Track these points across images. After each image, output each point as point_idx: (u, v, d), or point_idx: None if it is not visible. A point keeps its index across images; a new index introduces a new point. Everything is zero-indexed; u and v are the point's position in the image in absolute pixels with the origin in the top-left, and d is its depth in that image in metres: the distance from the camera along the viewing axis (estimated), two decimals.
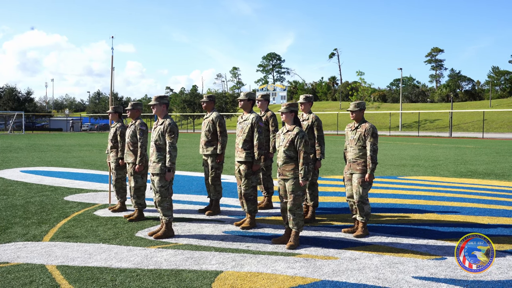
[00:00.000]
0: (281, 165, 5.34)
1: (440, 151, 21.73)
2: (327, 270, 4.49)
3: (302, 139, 5.21)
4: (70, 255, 4.93)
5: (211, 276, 4.32)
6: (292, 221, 5.29)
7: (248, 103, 6.39)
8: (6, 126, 60.69)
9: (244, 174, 6.19)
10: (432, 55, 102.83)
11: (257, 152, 6.14)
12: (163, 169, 5.66)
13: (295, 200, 5.26)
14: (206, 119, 7.17)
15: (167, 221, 5.70)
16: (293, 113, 5.41)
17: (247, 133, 6.23)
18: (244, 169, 6.20)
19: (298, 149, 5.22)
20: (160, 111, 5.83)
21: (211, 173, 7.06)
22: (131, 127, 6.74)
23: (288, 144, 5.27)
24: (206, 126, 7.10)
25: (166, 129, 5.69)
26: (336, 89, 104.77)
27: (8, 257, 4.85)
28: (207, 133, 7.06)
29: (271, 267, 4.57)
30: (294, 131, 5.30)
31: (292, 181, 5.24)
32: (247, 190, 6.17)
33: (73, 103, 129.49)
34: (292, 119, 5.42)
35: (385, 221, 6.63)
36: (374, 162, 5.72)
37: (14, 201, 8.03)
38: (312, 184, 6.64)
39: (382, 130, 55.52)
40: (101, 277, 4.27)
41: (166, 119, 5.79)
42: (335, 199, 8.38)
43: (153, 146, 5.78)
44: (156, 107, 5.81)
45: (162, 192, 5.66)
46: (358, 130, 5.87)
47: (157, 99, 5.82)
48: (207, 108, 7.22)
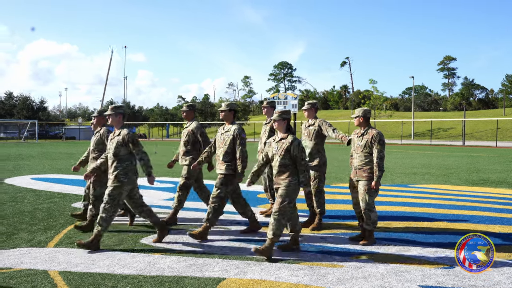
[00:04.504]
0: (276, 174, 5.22)
1: (452, 160, 21.48)
2: (331, 278, 4.41)
3: (298, 146, 5.13)
4: (73, 261, 4.91)
5: (213, 283, 4.26)
6: (272, 227, 5.05)
7: (230, 114, 6.15)
8: (19, 135, 61.39)
9: (216, 182, 5.99)
10: (445, 64, 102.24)
11: (240, 166, 5.93)
12: (120, 180, 5.41)
13: (281, 204, 5.08)
14: (186, 128, 6.92)
15: (98, 232, 5.36)
16: (286, 121, 5.31)
17: (228, 145, 6.01)
18: (219, 178, 6.00)
19: (295, 156, 5.12)
20: (116, 121, 5.63)
21: (180, 180, 6.79)
22: (97, 135, 6.59)
23: (283, 152, 5.17)
24: (185, 136, 6.85)
25: (128, 140, 5.48)
26: (348, 97, 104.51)
27: (12, 262, 4.85)
28: (186, 143, 6.82)
29: (275, 275, 4.50)
30: (288, 139, 5.20)
31: (283, 187, 5.14)
32: (214, 198, 5.92)
33: (86, 112, 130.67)
34: (285, 127, 5.31)
35: (393, 229, 6.53)
36: (381, 170, 5.64)
37: (22, 207, 8.06)
38: (319, 191, 6.56)
39: (394, 139, 55.14)
40: (102, 283, 4.24)
41: (123, 129, 5.58)
42: (343, 207, 8.28)
43: (111, 158, 5.53)
44: (112, 117, 5.61)
45: (109, 203, 5.38)
46: (364, 136, 5.80)
47: (113, 109, 5.62)
48: (187, 117, 6.97)
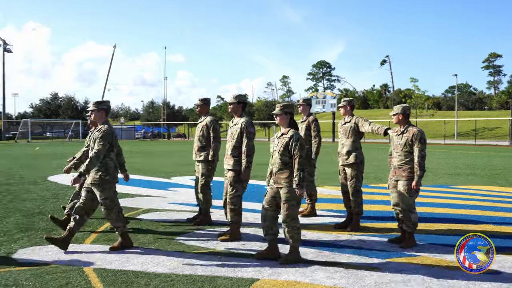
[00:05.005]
0: (276, 172, 4.89)
1: (498, 160, 20.62)
2: (369, 282, 4.25)
3: (297, 142, 4.78)
4: (108, 258, 4.94)
5: (246, 284, 4.18)
6: (287, 234, 4.81)
7: (238, 106, 5.93)
8: (65, 134, 63.41)
9: (230, 182, 5.78)
10: (490, 61, 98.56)
11: (245, 160, 5.69)
12: (103, 179, 5.25)
13: (289, 210, 4.78)
14: (200, 123, 6.76)
15: (120, 231, 5.35)
16: (288, 115, 5.01)
17: (236, 139, 5.79)
18: (231, 176, 5.77)
19: (293, 153, 4.78)
20: (98, 117, 5.46)
21: (200, 180, 6.62)
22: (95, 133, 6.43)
23: (282, 148, 4.84)
24: (200, 131, 6.68)
25: (98, 135, 5.28)
26: (388, 96, 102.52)
27: (49, 258, 4.92)
28: (201, 138, 6.65)
29: (309, 277, 4.37)
30: (288, 134, 4.89)
31: (286, 189, 4.78)
32: (231, 199, 5.72)
33: (128, 112, 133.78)
34: (288, 122, 5.01)
35: (435, 232, 6.26)
36: (422, 169, 5.41)
37: (62, 204, 8.22)
38: (356, 191, 6.39)
39: (436, 138, 53.62)
40: (135, 281, 4.23)
41: (104, 125, 5.40)
42: (382, 208, 8.03)
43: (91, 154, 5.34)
44: (94, 113, 5.46)
45: (107, 204, 5.26)
46: (404, 135, 5.59)
47: (95, 104, 5.49)
48: (202, 111, 6.81)
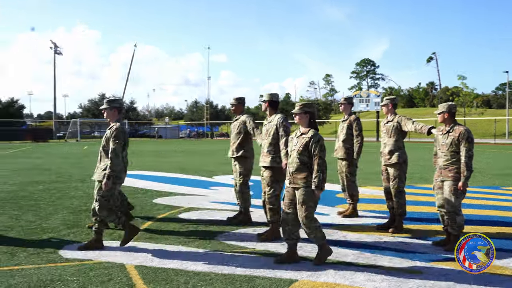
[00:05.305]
0: (293, 171, 4.78)
1: None
2: (411, 285, 4.12)
3: (317, 143, 4.67)
4: (149, 255, 5.03)
5: (285, 284, 4.14)
6: (310, 236, 4.76)
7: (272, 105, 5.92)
8: None
9: (267, 181, 5.78)
10: None
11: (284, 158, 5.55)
12: None
13: (307, 211, 4.67)
14: (236, 121, 6.72)
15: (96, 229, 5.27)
16: (308, 114, 4.86)
17: (272, 136, 5.75)
18: (268, 175, 5.77)
19: (313, 154, 4.67)
20: (111, 115, 5.45)
21: (239, 179, 6.61)
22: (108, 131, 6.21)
23: (301, 148, 4.72)
24: (237, 128, 6.63)
25: (111, 134, 5.25)
26: (434, 94, 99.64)
27: (93, 255, 5.05)
28: (238, 135, 6.60)
29: (350, 279, 4.28)
30: (308, 134, 4.77)
31: (304, 190, 4.67)
32: (270, 199, 5.71)
33: (172, 111, 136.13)
34: (307, 122, 4.87)
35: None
36: (470, 170, 5.21)
37: None
38: (399, 191, 6.24)
39: (486, 138, 51.70)
40: (175, 279, 4.28)
41: (116, 123, 5.37)
42: (426, 209, 7.80)
43: (101, 152, 5.38)
44: (107, 111, 5.45)
45: (101, 202, 5.19)
46: (450, 134, 5.40)
47: (108, 102, 5.48)
48: (236, 111, 6.77)
